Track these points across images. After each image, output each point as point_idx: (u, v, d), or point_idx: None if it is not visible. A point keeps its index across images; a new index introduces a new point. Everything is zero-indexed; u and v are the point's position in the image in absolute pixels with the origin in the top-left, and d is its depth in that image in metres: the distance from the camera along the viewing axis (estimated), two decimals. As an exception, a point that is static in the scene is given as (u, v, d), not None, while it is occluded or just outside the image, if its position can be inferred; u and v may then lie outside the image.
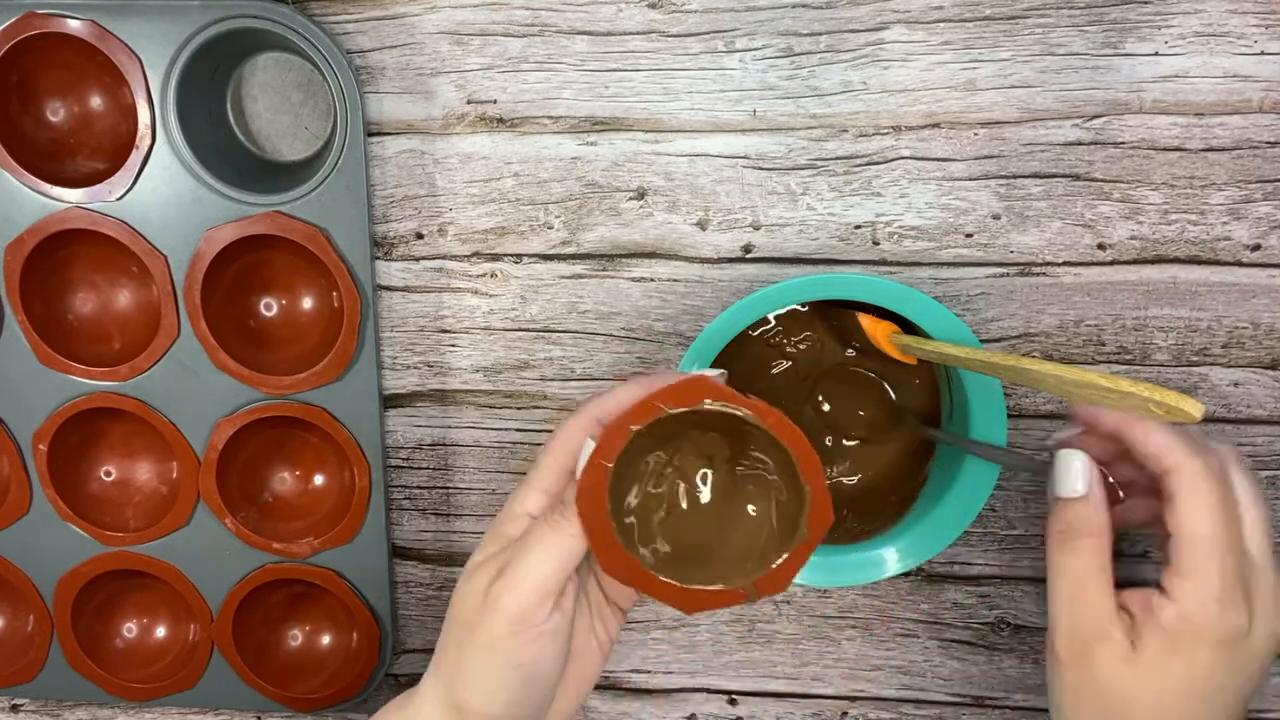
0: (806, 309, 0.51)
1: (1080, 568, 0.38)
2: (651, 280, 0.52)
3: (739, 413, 0.37)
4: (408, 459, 0.56)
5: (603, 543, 0.37)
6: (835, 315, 0.50)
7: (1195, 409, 0.33)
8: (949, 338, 0.45)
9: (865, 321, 0.47)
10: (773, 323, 0.51)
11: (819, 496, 0.37)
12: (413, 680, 0.60)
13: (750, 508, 0.40)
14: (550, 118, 0.50)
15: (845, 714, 0.58)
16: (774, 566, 0.38)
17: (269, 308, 0.55)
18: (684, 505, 0.41)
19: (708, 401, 0.37)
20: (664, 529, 0.40)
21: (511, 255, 0.52)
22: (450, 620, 0.39)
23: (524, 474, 0.55)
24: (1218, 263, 0.50)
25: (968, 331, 0.45)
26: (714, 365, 0.47)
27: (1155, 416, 0.35)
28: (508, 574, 0.37)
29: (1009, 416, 0.50)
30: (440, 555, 0.57)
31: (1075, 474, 0.39)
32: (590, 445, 0.37)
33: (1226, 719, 0.38)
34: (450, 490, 0.56)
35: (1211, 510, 0.36)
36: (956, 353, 0.42)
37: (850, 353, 0.52)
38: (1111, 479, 0.40)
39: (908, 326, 0.47)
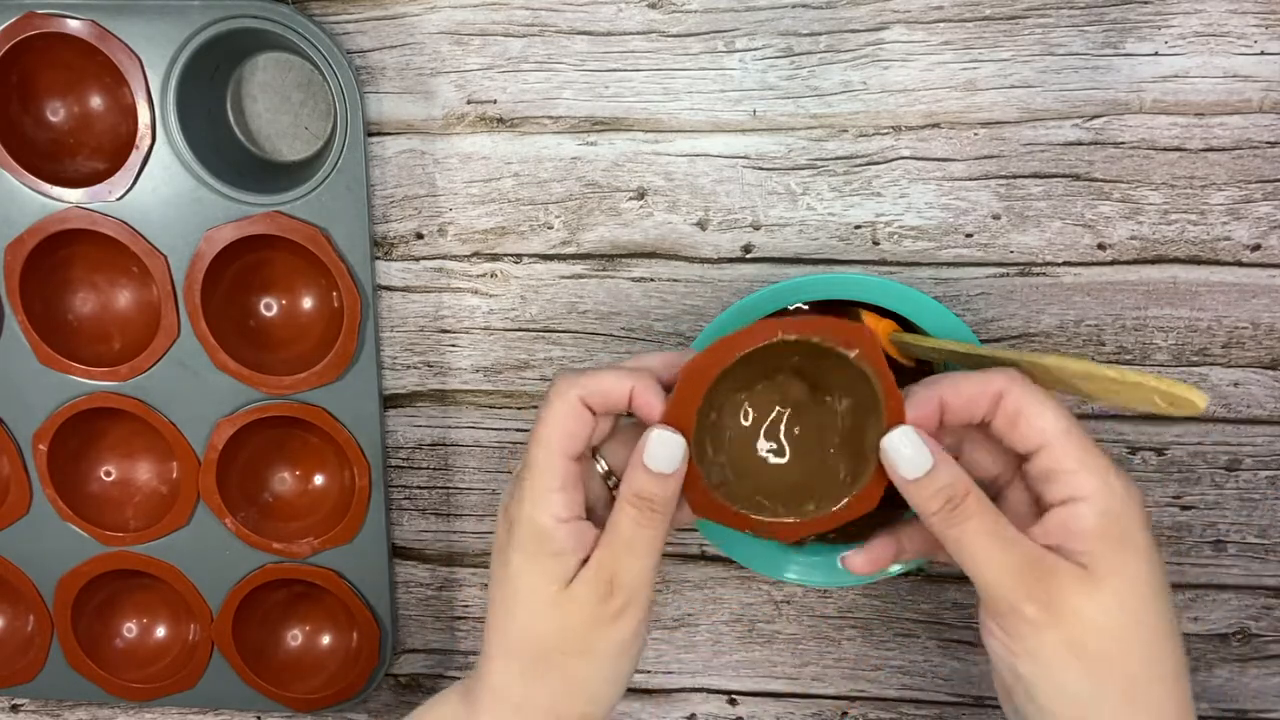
0: (809, 308, 0.51)
1: (987, 523, 0.36)
2: (651, 280, 0.52)
3: (824, 344, 0.37)
4: (408, 459, 0.56)
5: (701, 497, 0.38)
6: (837, 314, 0.50)
7: (1200, 399, 0.34)
8: (949, 338, 0.45)
9: (868, 319, 0.47)
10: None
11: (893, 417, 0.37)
12: (413, 680, 0.60)
13: (820, 445, 0.40)
14: (550, 118, 0.50)
15: (845, 714, 0.58)
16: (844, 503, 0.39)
17: (269, 308, 0.55)
18: (759, 446, 0.41)
19: (780, 334, 0.37)
20: (738, 463, 0.41)
21: (511, 255, 0.52)
22: (544, 645, 0.38)
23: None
24: (1218, 263, 0.50)
25: (968, 331, 0.45)
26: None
27: (1158, 408, 0.35)
28: (622, 586, 0.37)
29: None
30: (440, 555, 0.57)
31: (915, 450, 0.36)
32: (657, 434, 0.37)
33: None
34: (450, 490, 0.56)
35: (1057, 405, 0.36)
36: (957, 348, 0.42)
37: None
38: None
39: (908, 327, 0.47)
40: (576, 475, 0.38)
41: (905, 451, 0.37)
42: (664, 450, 0.37)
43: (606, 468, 0.40)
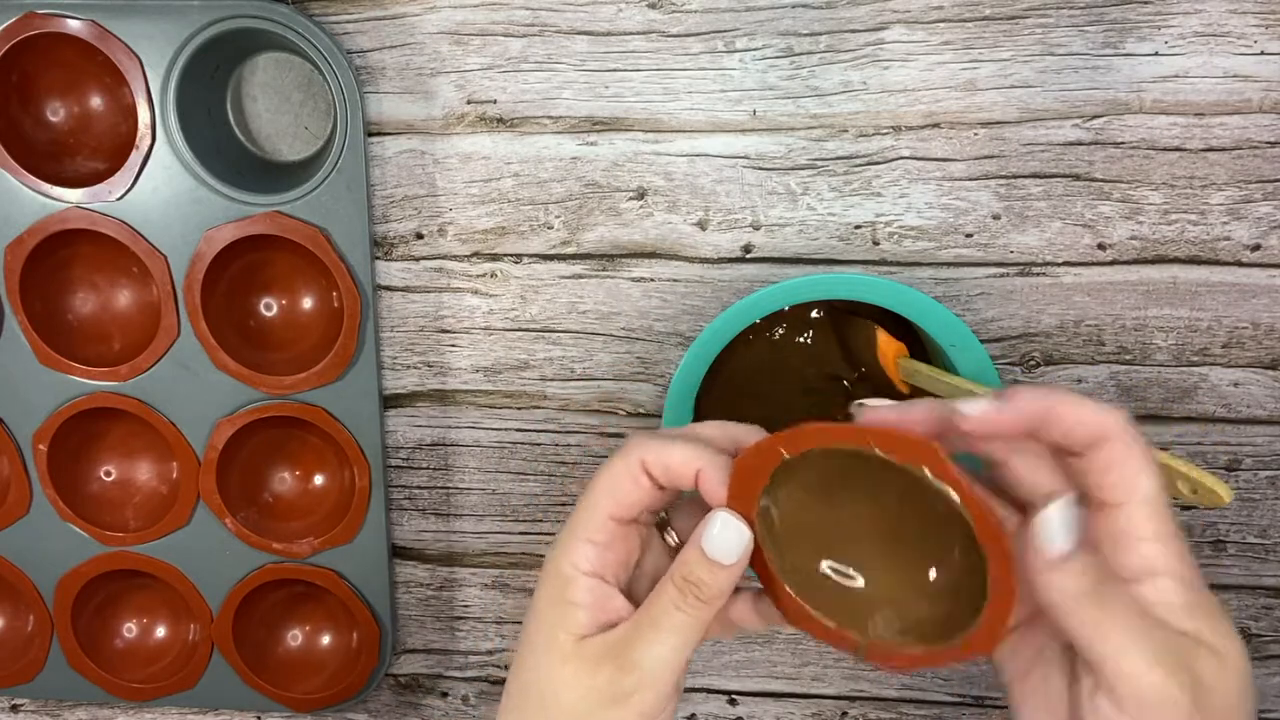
0: (821, 314, 0.51)
1: (1130, 602, 0.31)
2: (651, 280, 0.52)
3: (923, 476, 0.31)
4: (408, 459, 0.56)
5: (792, 605, 0.35)
6: (847, 324, 0.50)
7: (1226, 493, 0.33)
8: (949, 338, 0.45)
9: (882, 337, 0.47)
10: (780, 324, 0.51)
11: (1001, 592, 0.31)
12: (413, 680, 0.60)
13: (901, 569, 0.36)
14: (550, 118, 0.50)
15: (845, 714, 0.58)
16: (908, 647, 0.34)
17: (269, 308, 0.55)
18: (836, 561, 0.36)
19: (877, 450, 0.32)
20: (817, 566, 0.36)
21: (511, 255, 0.52)
22: (541, 698, 0.35)
23: (524, 474, 0.55)
24: (1218, 263, 0.50)
25: (967, 331, 0.45)
26: (713, 366, 0.47)
27: (1179, 493, 0.34)
28: (637, 665, 0.34)
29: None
30: (440, 555, 0.57)
31: (1071, 525, 0.31)
32: (728, 518, 0.34)
33: None
34: (450, 490, 0.56)
35: (1151, 465, 0.32)
36: (973, 389, 0.41)
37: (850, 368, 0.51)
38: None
39: (911, 330, 0.47)
40: (617, 536, 0.36)
41: (1066, 518, 0.31)
42: (726, 536, 0.34)
43: (677, 541, 0.37)
